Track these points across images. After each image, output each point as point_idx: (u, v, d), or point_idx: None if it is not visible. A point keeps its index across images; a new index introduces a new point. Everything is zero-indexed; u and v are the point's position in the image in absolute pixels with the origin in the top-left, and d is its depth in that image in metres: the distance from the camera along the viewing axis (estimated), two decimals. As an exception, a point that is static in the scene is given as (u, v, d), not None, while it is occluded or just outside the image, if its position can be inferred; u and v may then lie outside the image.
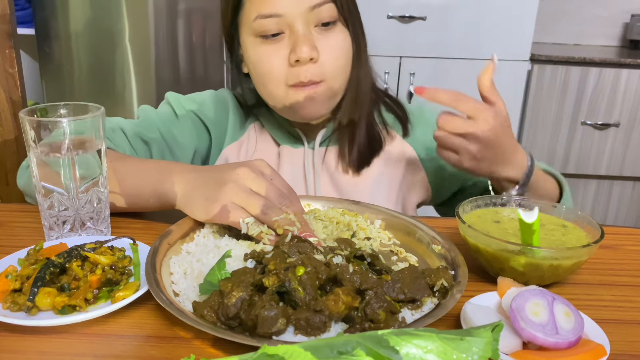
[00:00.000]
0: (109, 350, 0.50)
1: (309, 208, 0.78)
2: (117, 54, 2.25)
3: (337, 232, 0.71)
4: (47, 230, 0.68)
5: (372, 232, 0.71)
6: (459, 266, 0.60)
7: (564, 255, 0.60)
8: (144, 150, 0.93)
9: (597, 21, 2.89)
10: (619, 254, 0.74)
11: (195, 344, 0.51)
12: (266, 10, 0.83)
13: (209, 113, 0.99)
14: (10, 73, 1.12)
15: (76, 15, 2.21)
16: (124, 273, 0.59)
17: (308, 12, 0.83)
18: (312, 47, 0.83)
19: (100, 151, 0.67)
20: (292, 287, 0.51)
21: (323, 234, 0.71)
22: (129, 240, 0.65)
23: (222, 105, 1.00)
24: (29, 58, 2.59)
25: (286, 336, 0.49)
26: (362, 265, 0.58)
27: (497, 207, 0.73)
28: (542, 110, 2.51)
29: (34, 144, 0.64)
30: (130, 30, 2.22)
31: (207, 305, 0.51)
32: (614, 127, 2.52)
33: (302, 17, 0.83)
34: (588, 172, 2.60)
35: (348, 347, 0.37)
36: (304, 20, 0.83)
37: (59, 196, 0.66)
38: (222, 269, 0.56)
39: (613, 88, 2.45)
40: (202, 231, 0.68)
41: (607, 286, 0.65)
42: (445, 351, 0.37)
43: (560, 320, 0.49)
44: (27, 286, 0.54)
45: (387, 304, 0.51)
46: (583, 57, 2.42)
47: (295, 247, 0.58)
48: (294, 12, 0.83)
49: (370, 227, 0.72)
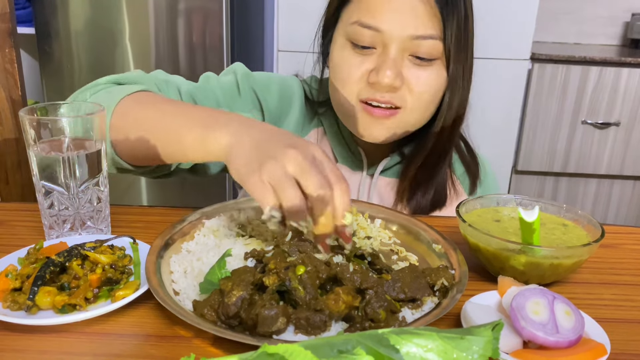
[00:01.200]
0: (109, 349, 0.50)
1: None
2: (117, 53, 2.25)
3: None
4: (47, 229, 0.68)
5: (373, 231, 0.71)
6: (460, 265, 0.60)
7: (564, 254, 0.60)
8: None
9: (598, 20, 2.89)
10: (620, 253, 0.74)
11: (195, 343, 0.51)
12: (368, 20, 0.78)
13: (271, 101, 0.91)
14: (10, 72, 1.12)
15: (76, 15, 2.21)
16: (124, 272, 0.59)
17: (409, 40, 0.77)
18: (396, 74, 0.77)
19: (100, 150, 0.67)
20: (292, 286, 0.51)
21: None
22: (129, 239, 0.65)
23: (287, 98, 0.93)
24: (29, 57, 2.59)
25: (286, 335, 0.49)
26: (363, 264, 0.58)
27: (498, 206, 0.73)
28: (542, 109, 2.50)
29: (34, 143, 0.64)
30: (130, 30, 2.22)
31: (207, 304, 0.51)
32: (614, 126, 2.51)
33: (401, 41, 0.77)
34: (588, 171, 2.60)
35: (348, 346, 0.37)
36: (401, 45, 0.77)
37: (59, 195, 0.66)
38: (222, 267, 0.56)
39: (613, 87, 2.45)
40: (202, 230, 0.68)
41: (607, 285, 0.65)
42: (446, 350, 0.37)
43: (561, 319, 0.49)
44: (27, 285, 0.54)
45: (387, 303, 0.51)
46: (583, 56, 2.42)
47: (296, 246, 0.58)
48: (395, 34, 0.77)
49: (371, 226, 0.72)
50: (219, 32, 2.16)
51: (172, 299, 0.53)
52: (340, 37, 0.82)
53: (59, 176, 0.65)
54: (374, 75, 0.78)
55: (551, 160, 2.58)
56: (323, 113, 0.95)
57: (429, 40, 0.77)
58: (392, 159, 0.91)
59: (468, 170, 0.93)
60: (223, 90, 0.90)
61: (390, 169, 0.92)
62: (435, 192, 0.88)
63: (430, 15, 0.77)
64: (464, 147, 0.95)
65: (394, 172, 0.92)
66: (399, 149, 0.92)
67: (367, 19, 0.78)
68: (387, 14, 0.77)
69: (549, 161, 2.58)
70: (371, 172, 0.92)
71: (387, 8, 0.77)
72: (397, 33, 0.77)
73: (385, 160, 0.91)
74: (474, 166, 0.93)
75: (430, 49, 0.78)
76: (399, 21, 0.77)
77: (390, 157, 0.91)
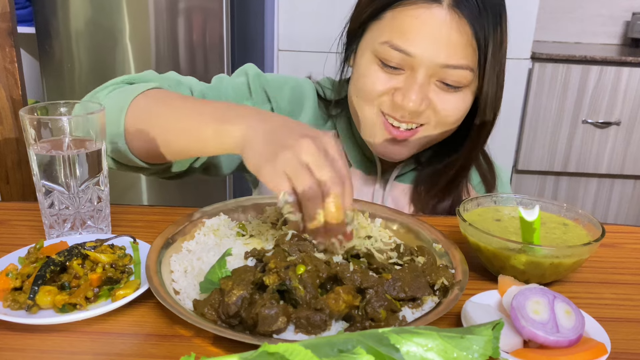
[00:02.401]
0: (109, 348, 0.50)
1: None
2: (118, 52, 2.25)
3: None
4: (48, 228, 0.68)
5: (373, 230, 0.71)
6: (460, 264, 0.60)
7: (564, 254, 0.60)
8: None
9: (598, 19, 2.89)
10: (620, 253, 0.74)
11: (195, 342, 0.51)
12: (399, 43, 0.75)
13: (282, 102, 0.90)
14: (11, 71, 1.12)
15: (76, 14, 2.21)
16: (125, 271, 0.59)
17: (438, 67, 0.75)
18: (422, 99, 0.75)
19: (100, 150, 0.67)
20: (292, 285, 0.51)
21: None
22: (129, 238, 0.65)
23: (299, 100, 0.92)
24: (30, 56, 2.59)
25: (287, 335, 0.49)
26: (362, 264, 0.58)
27: (498, 205, 0.73)
28: (542, 108, 2.50)
29: (34, 142, 0.64)
30: (130, 29, 2.22)
31: (207, 303, 0.51)
32: (614, 125, 2.51)
33: (430, 68, 0.75)
34: (589, 170, 2.60)
35: (348, 345, 0.37)
36: (430, 71, 0.75)
37: (59, 194, 0.66)
38: (222, 267, 0.56)
39: (614, 86, 2.45)
40: (202, 229, 0.68)
41: (607, 284, 0.65)
42: (446, 349, 0.37)
43: (561, 319, 0.49)
44: (28, 284, 0.54)
45: (387, 302, 0.51)
46: (584, 56, 2.41)
47: (296, 246, 0.58)
48: (425, 60, 0.74)
49: (371, 225, 0.72)
50: (219, 32, 2.16)
51: (172, 298, 0.53)
52: (368, 52, 0.79)
53: (59, 175, 0.65)
54: (399, 97, 0.76)
55: (551, 159, 2.57)
56: (337, 115, 0.93)
57: (459, 70, 0.75)
58: (407, 165, 0.89)
59: (484, 180, 0.91)
60: (235, 90, 0.89)
61: (405, 174, 0.90)
62: (452, 201, 0.86)
63: (464, 45, 0.74)
64: (482, 157, 0.93)
65: (409, 177, 0.90)
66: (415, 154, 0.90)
67: (399, 41, 0.75)
68: (420, 39, 0.74)
69: (549, 160, 2.58)
70: (386, 178, 0.90)
71: (420, 33, 0.74)
72: (428, 59, 0.74)
73: (400, 165, 0.89)
74: (490, 176, 0.91)
75: (460, 78, 0.76)
76: (432, 48, 0.74)
77: (405, 163, 0.89)
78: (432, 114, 0.78)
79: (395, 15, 0.76)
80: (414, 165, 0.90)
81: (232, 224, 0.69)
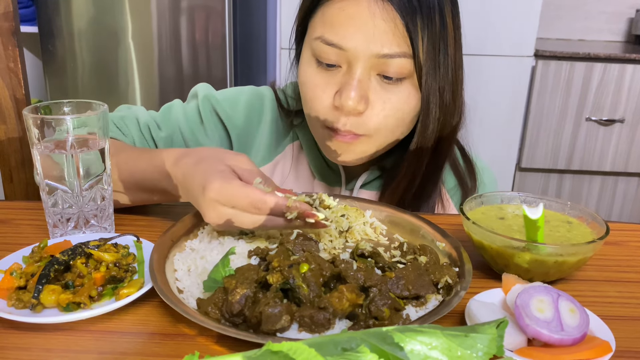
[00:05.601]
0: (113, 347, 0.50)
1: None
2: (120, 51, 2.25)
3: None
4: (51, 227, 0.68)
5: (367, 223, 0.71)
6: (464, 263, 0.60)
7: (568, 252, 0.60)
8: (152, 145, 0.87)
9: (602, 16, 2.88)
10: (624, 250, 0.74)
11: (199, 340, 0.51)
12: (330, 36, 0.72)
13: (237, 118, 0.88)
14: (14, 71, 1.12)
15: (79, 13, 2.22)
16: (128, 270, 0.59)
17: (375, 58, 0.70)
18: (361, 97, 0.71)
19: (103, 149, 0.67)
20: (296, 284, 0.51)
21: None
22: (132, 237, 0.65)
23: (256, 112, 0.89)
24: (32, 56, 2.60)
25: (290, 333, 0.49)
26: (367, 262, 0.58)
27: (502, 203, 0.72)
28: (546, 106, 2.50)
29: (38, 142, 0.64)
30: (133, 28, 2.22)
31: (211, 302, 0.51)
32: (618, 123, 2.50)
33: (366, 60, 0.71)
34: (593, 168, 2.59)
35: (352, 343, 0.37)
36: (367, 64, 0.71)
37: (62, 194, 0.66)
38: (226, 265, 0.56)
39: (618, 84, 2.44)
40: (206, 228, 0.68)
41: (612, 282, 0.65)
42: (450, 348, 0.37)
43: (565, 317, 0.48)
44: (32, 283, 0.54)
45: (391, 301, 0.51)
46: (588, 53, 2.40)
47: (300, 245, 0.58)
48: (359, 52, 0.70)
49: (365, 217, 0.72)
50: (222, 30, 2.16)
51: (176, 297, 0.53)
52: (307, 52, 0.77)
53: (63, 175, 0.65)
54: (337, 98, 0.73)
55: (555, 157, 2.57)
56: (299, 125, 0.89)
57: (397, 58, 0.71)
58: (372, 173, 0.86)
59: (461, 183, 0.87)
60: (186, 117, 0.88)
61: (370, 182, 0.88)
62: (420, 207, 0.83)
63: (394, 32, 0.70)
64: (460, 157, 0.88)
65: (375, 185, 0.87)
66: (379, 162, 0.87)
67: (329, 35, 0.72)
68: (350, 30, 0.70)
69: (553, 158, 2.57)
70: (350, 187, 0.87)
71: (349, 24, 0.71)
72: (361, 51, 0.70)
73: (364, 174, 0.87)
74: (470, 179, 0.86)
75: (400, 68, 0.71)
76: (362, 39, 0.70)
77: (370, 170, 0.86)
78: (372, 117, 0.74)
79: (325, 10, 0.74)
80: (379, 172, 0.87)
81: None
